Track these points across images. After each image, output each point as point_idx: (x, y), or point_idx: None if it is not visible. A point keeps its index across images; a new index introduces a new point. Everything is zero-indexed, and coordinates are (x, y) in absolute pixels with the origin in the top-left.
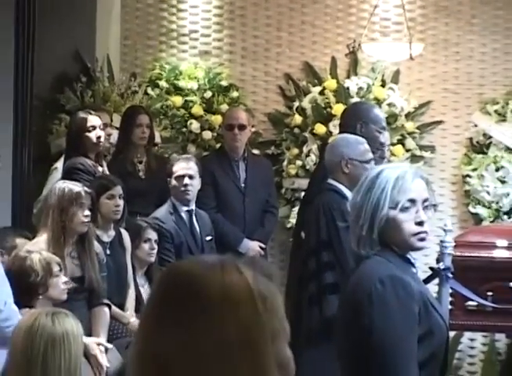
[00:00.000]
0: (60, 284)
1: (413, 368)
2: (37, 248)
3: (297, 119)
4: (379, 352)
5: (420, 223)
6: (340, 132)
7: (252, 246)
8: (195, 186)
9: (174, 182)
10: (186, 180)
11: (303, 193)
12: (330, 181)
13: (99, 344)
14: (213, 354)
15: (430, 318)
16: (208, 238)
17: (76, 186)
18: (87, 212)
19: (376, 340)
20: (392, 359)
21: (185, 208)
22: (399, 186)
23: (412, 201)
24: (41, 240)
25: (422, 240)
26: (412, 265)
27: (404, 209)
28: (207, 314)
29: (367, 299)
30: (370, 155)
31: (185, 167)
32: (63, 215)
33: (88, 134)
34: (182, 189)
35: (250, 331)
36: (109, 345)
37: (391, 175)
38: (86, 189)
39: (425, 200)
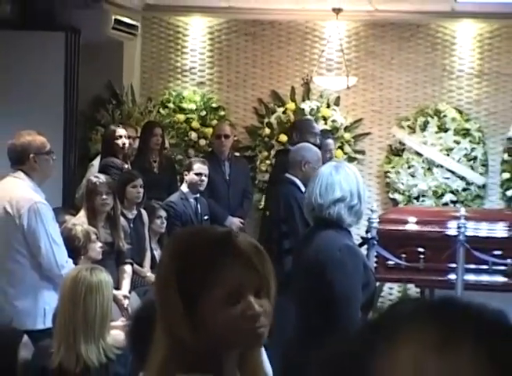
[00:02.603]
0: (96, 248)
1: (358, 307)
2: (79, 222)
3: (267, 131)
4: (338, 297)
5: None
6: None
7: (234, 221)
8: (206, 181)
9: (193, 176)
10: (203, 177)
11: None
12: (289, 175)
13: (124, 295)
14: (210, 302)
15: (367, 273)
16: (206, 217)
17: (94, 178)
18: (104, 196)
19: (337, 289)
20: (347, 301)
21: (194, 196)
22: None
23: None
24: (82, 215)
25: None
26: (351, 234)
27: None
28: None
29: (330, 262)
30: (321, 163)
31: (202, 167)
32: (87, 198)
33: (116, 141)
34: (199, 182)
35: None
36: (129, 295)
37: (354, 169)
38: (102, 180)
39: None
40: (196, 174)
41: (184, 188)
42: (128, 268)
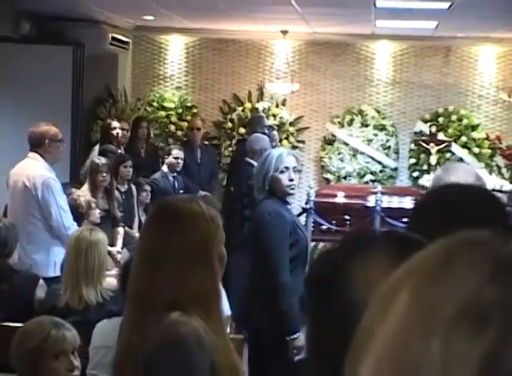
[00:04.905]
0: (96, 214)
1: (285, 259)
2: (83, 194)
3: (229, 125)
4: (267, 251)
5: (291, 180)
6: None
7: (204, 195)
8: (181, 164)
9: (172, 159)
10: (179, 160)
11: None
12: (248, 159)
13: (117, 251)
14: (182, 251)
15: (296, 233)
16: (181, 191)
17: (97, 160)
18: (104, 174)
19: (266, 245)
20: (274, 253)
21: (172, 175)
22: (279, 159)
23: (286, 168)
24: (84, 189)
25: (292, 189)
26: (288, 203)
27: (281, 172)
28: (181, 228)
29: (262, 223)
30: None
31: (179, 152)
32: (90, 175)
33: (111, 131)
34: (176, 164)
35: (206, 238)
36: (121, 251)
37: (275, 153)
38: (103, 161)
39: (294, 168)
40: (174, 158)
41: (164, 168)
42: (120, 230)
